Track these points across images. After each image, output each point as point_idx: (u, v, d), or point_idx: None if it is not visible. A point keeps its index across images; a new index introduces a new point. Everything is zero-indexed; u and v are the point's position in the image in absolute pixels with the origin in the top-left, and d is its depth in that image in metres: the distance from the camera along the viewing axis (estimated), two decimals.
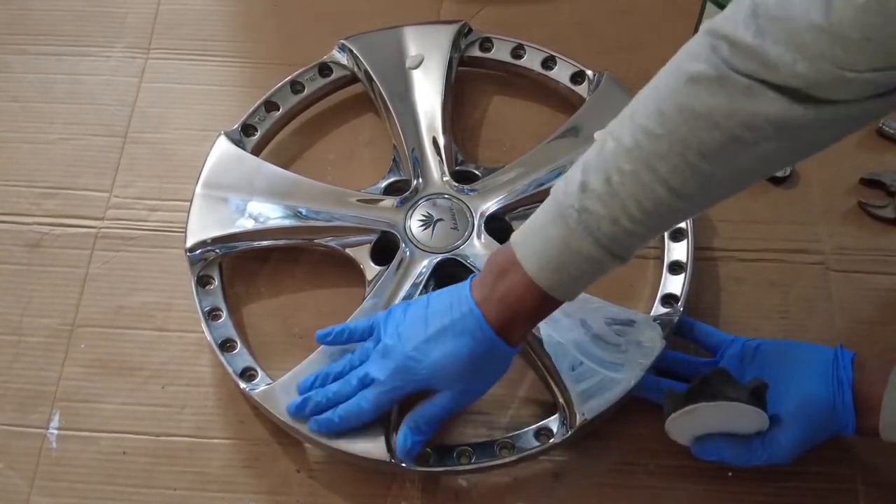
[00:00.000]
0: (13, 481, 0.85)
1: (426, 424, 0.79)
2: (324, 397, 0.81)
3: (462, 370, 0.76)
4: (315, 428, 0.81)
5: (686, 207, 0.68)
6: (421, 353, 0.77)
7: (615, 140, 0.67)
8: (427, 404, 0.79)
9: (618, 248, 0.69)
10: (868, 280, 0.95)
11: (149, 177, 1.02)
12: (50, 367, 0.91)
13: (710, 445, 0.80)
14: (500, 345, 0.76)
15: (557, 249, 0.70)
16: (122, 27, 1.13)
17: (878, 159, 1.02)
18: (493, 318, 0.75)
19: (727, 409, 0.76)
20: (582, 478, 0.85)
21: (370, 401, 0.79)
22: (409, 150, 0.98)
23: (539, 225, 0.72)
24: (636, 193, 0.66)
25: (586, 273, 0.71)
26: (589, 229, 0.68)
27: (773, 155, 0.65)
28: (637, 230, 0.68)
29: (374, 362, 0.80)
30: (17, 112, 1.07)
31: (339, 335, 0.85)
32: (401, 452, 0.80)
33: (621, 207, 0.67)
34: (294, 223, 0.94)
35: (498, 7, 1.13)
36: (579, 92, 1.03)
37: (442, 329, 0.76)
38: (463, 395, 0.79)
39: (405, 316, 0.79)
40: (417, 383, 0.78)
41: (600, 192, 0.67)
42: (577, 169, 0.69)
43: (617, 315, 0.88)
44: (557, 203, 0.70)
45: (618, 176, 0.67)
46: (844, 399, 0.77)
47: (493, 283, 0.75)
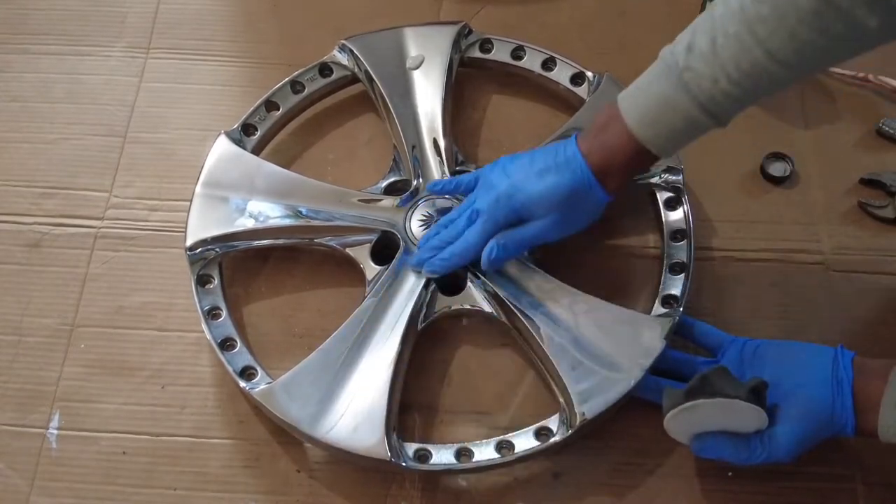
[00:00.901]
0: (13, 481, 0.85)
1: (513, 243, 0.85)
2: (440, 241, 0.88)
3: (560, 202, 0.82)
4: (431, 269, 0.88)
5: (780, 73, 0.72)
6: (524, 183, 0.83)
7: (724, 3, 0.72)
8: (519, 228, 0.85)
9: (714, 108, 0.75)
10: (868, 280, 0.95)
11: (149, 176, 1.02)
12: (50, 367, 0.91)
13: (709, 443, 0.80)
14: (596, 187, 0.82)
15: (657, 104, 0.76)
16: (122, 27, 1.13)
17: (878, 159, 1.02)
18: (594, 162, 0.81)
19: (726, 407, 0.76)
20: (582, 478, 0.85)
21: (476, 232, 0.85)
22: (409, 151, 0.98)
23: (644, 82, 0.78)
24: (736, 54, 0.71)
25: (682, 130, 0.77)
26: (689, 86, 0.74)
27: (864, 25, 0.68)
28: (734, 92, 0.73)
29: (480, 197, 0.86)
30: (17, 112, 1.07)
31: (448, 184, 0.92)
32: (484, 261, 0.85)
33: (722, 67, 0.72)
34: (294, 223, 0.94)
35: (498, 7, 1.13)
36: (579, 93, 1.03)
37: (545, 167, 0.83)
38: (554, 227, 0.84)
39: (511, 161, 0.86)
40: (518, 211, 0.84)
41: (705, 51, 0.73)
42: (688, 31, 0.75)
43: (617, 315, 0.88)
44: (664, 61, 0.76)
45: (722, 37, 0.72)
46: (844, 399, 0.77)
47: (596, 133, 0.82)
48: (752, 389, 0.76)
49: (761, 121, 1.05)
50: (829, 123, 1.04)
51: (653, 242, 0.97)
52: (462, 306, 0.91)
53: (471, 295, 0.91)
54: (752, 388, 0.76)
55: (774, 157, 1.01)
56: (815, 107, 1.05)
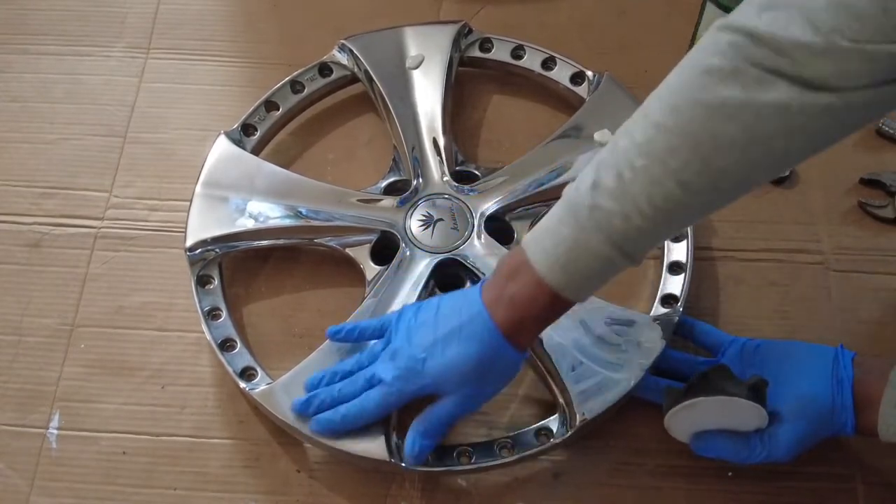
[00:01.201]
0: (13, 481, 0.85)
1: (434, 429, 0.79)
2: (328, 396, 0.81)
3: (469, 374, 0.76)
4: (316, 428, 0.81)
5: (696, 204, 0.68)
6: (429, 356, 0.76)
7: (627, 137, 0.68)
8: (434, 408, 0.79)
9: (629, 247, 0.69)
10: (868, 280, 0.95)
11: (148, 177, 1.02)
12: (50, 367, 0.91)
13: (709, 442, 0.80)
14: (507, 349, 0.75)
15: (568, 248, 0.70)
16: (122, 27, 1.13)
17: (878, 159, 1.02)
18: (502, 321, 0.74)
19: (726, 405, 0.76)
20: (582, 478, 0.85)
21: (375, 401, 0.79)
22: (409, 150, 0.98)
23: (550, 225, 0.71)
24: (647, 189, 0.66)
25: (597, 272, 0.71)
26: (600, 226, 0.68)
27: (785, 148, 0.65)
28: (647, 227, 0.68)
29: (383, 363, 0.80)
30: (17, 112, 1.07)
31: (350, 333, 0.85)
32: (409, 457, 0.80)
33: (633, 203, 0.67)
34: (294, 223, 0.94)
35: (498, 7, 1.13)
36: (579, 92, 1.03)
37: (450, 332, 0.76)
38: (469, 400, 0.79)
39: (416, 318, 0.79)
40: (424, 387, 0.78)
41: (612, 188, 0.67)
42: (590, 168, 0.70)
43: (617, 315, 0.88)
44: (569, 202, 0.70)
45: (629, 172, 0.66)
46: (844, 398, 0.77)
47: (503, 284, 0.74)
48: (753, 387, 0.76)
49: None
50: None
51: None
52: None
53: None
54: (752, 385, 0.76)
55: None
56: None
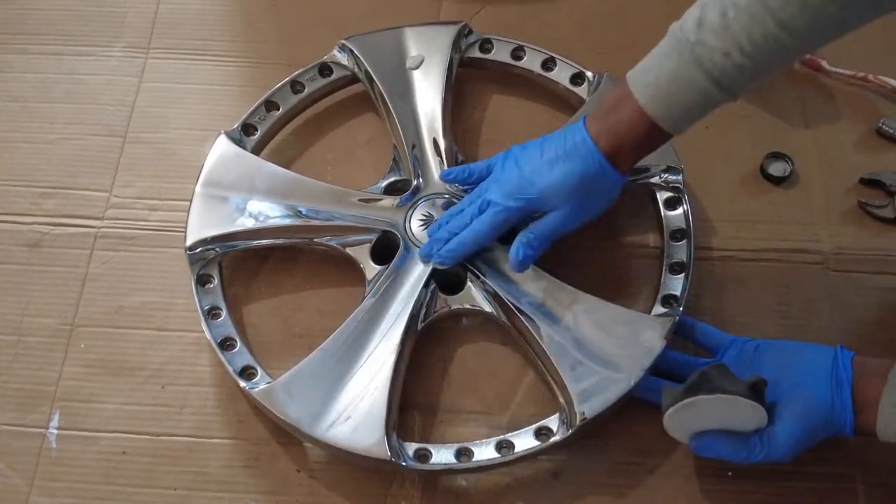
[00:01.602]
0: (13, 481, 0.85)
1: (537, 240, 0.84)
2: (447, 232, 0.87)
3: (573, 190, 0.82)
4: (439, 259, 0.87)
5: (793, 44, 0.72)
6: (536, 175, 0.83)
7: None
8: (540, 222, 0.84)
9: (727, 82, 0.74)
10: (868, 280, 0.95)
11: (148, 176, 1.02)
12: (50, 366, 0.91)
13: (708, 442, 0.80)
14: (609, 169, 0.81)
15: (669, 80, 0.75)
16: (122, 27, 1.13)
17: (877, 159, 1.02)
18: (604, 145, 0.81)
19: (725, 404, 0.76)
20: (582, 477, 0.85)
21: (485, 222, 0.85)
22: (409, 150, 0.98)
23: (654, 59, 0.77)
24: (748, 26, 0.71)
25: (696, 105, 0.76)
26: (701, 61, 0.73)
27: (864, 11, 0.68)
28: (746, 64, 0.73)
29: (491, 187, 0.85)
30: (17, 112, 1.07)
31: (461, 172, 0.91)
32: (513, 263, 0.85)
33: (733, 40, 0.72)
34: (294, 222, 0.94)
35: (498, 7, 1.13)
36: (579, 93, 1.03)
37: (555, 156, 0.82)
38: (573, 216, 0.83)
39: (523, 150, 0.85)
40: (531, 202, 0.83)
41: (716, 25, 0.72)
42: (696, 6, 0.74)
43: (617, 315, 0.88)
44: (674, 37, 0.76)
45: (733, 10, 0.71)
46: (843, 399, 0.77)
47: (605, 114, 0.81)
48: (752, 387, 0.76)
49: (761, 121, 1.05)
50: (829, 123, 1.04)
51: (653, 242, 0.97)
52: (462, 306, 0.91)
53: (471, 295, 0.91)
54: (751, 385, 0.76)
55: (774, 156, 1.01)
56: (815, 107, 1.05)
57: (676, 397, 0.78)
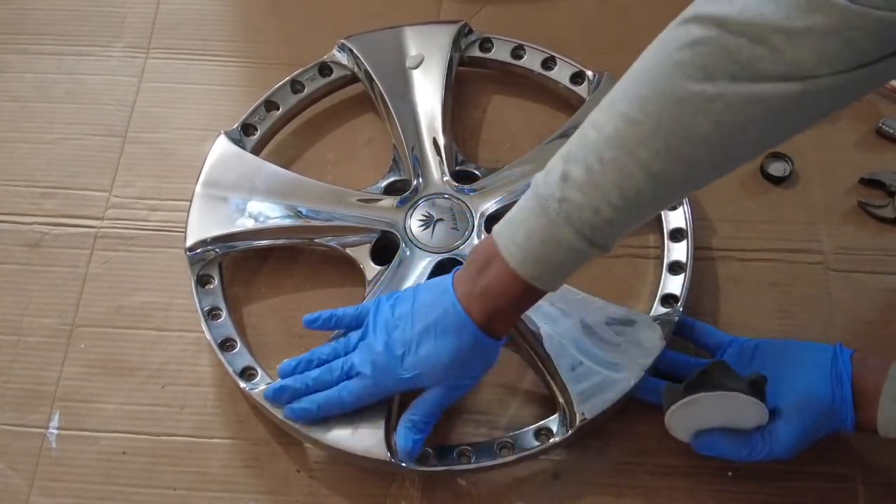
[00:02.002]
0: (13, 481, 0.85)
1: (423, 422, 0.79)
2: (303, 384, 0.81)
3: (448, 367, 0.77)
4: (291, 416, 0.81)
5: (668, 193, 0.68)
6: (406, 351, 0.77)
7: (595, 129, 0.67)
8: (420, 402, 0.79)
9: (599, 238, 0.69)
10: (868, 280, 0.95)
11: (148, 176, 1.02)
12: (50, 366, 0.91)
13: (709, 440, 0.80)
14: (484, 339, 0.76)
15: (539, 240, 0.70)
16: (122, 27, 1.13)
17: (877, 159, 1.02)
18: (477, 313, 0.75)
19: (726, 401, 0.76)
20: (582, 477, 0.85)
21: (353, 393, 0.79)
22: (409, 150, 0.98)
23: (520, 216, 0.71)
24: (617, 181, 0.66)
25: (568, 263, 0.71)
26: (570, 219, 0.68)
27: (758, 138, 0.65)
28: (618, 218, 0.68)
29: (361, 355, 0.79)
30: (17, 112, 1.07)
31: (327, 321, 0.84)
32: (402, 454, 0.79)
33: (602, 196, 0.67)
34: (294, 222, 0.94)
35: (497, 6, 1.13)
36: (579, 92, 1.03)
37: (426, 328, 0.76)
38: (453, 390, 0.79)
39: (393, 311, 0.79)
40: (404, 382, 0.78)
41: (581, 181, 0.67)
42: (559, 159, 0.69)
43: (617, 315, 0.88)
44: (538, 194, 0.70)
45: (598, 164, 0.66)
46: (844, 394, 0.77)
47: (475, 276, 0.74)
48: (752, 383, 0.76)
49: None
50: (829, 123, 1.04)
51: (652, 242, 0.97)
52: None
53: None
54: (751, 382, 0.76)
55: (774, 156, 1.01)
56: None
57: (677, 395, 0.78)
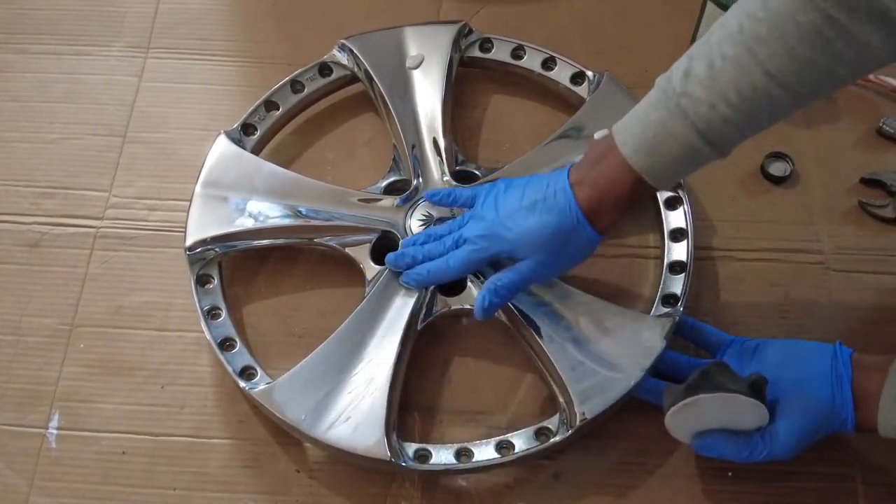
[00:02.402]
0: (12, 481, 0.85)
1: (505, 288, 0.82)
2: (420, 253, 0.87)
3: (545, 243, 0.79)
4: (406, 280, 0.87)
5: (781, 96, 0.69)
6: (511, 220, 0.81)
7: (721, 28, 0.70)
8: (509, 270, 0.82)
9: (713, 136, 0.71)
10: (868, 280, 0.95)
11: (148, 176, 1.02)
12: (49, 366, 0.91)
13: (710, 441, 0.80)
14: (586, 227, 0.79)
15: (654, 132, 0.73)
16: (122, 26, 1.13)
17: (878, 159, 1.02)
18: (584, 199, 0.78)
19: (726, 402, 0.76)
20: (582, 477, 0.85)
21: (458, 259, 0.84)
22: (409, 150, 0.98)
23: (640, 111, 0.75)
24: (736, 77, 0.69)
25: (681, 159, 0.74)
26: (687, 113, 0.71)
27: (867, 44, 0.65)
28: (733, 117, 0.70)
29: (469, 225, 0.85)
30: (17, 112, 1.07)
31: (446, 196, 0.90)
32: (478, 310, 0.83)
33: (720, 92, 0.69)
34: (294, 222, 0.94)
35: (498, 7, 1.13)
36: (579, 92, 1.03)
37: (534, 203, 0.80)
38: (543, 267, 0.82)
39: (505, 189, 0.83)
40: (503, 247, 0.81)
41: (702, 76, 0.70)
42: (684, 58, 0.72)
43: (617, 315, 0.88)
44: (660, 89, 0.73)
45: (720, 60, 0.69)
46: (844, 395, 0.77)
47: (589, 166, 0.78)
48: (752, 385, 0.76)
49: None
50: (829, 123, 1.04)
51: (653, 242, 0.97)
52: (462, 306, 0.91)
53: (471, 295, 0.91)
54: (752, 383, 0.76)
55: (774, 156, 1.01)
56: (816, 107, 1.05)
57: (677, 396, 0.78)
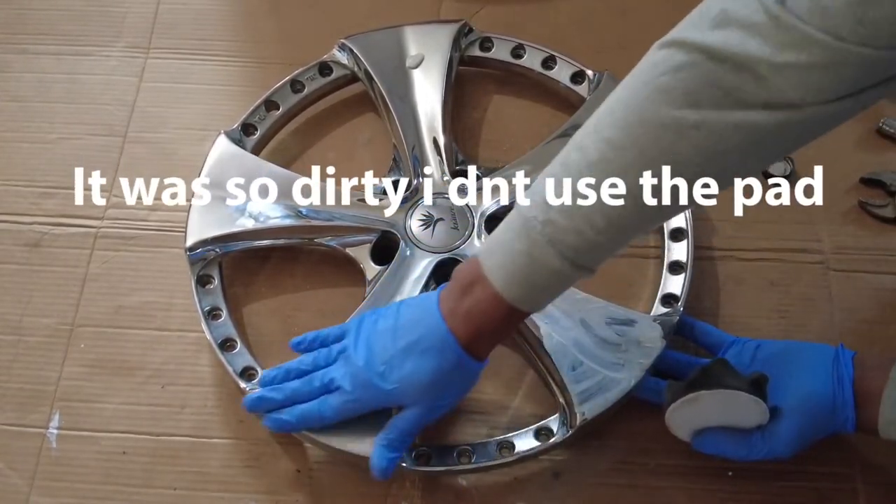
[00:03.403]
0: (13, 481, 0.85)
1: (398, 441, 0.78)
2: (282, 394, 0.81)
3: (429, 387, 0.76)
4: (270, 426, 0.81)
5: (650, 217, 0.68)
6: (388, 369, 0.76)
7: (580, 152, 0.67)
8: (397, 420, 0.79)
9: (583, 260, 0.69)
10: (868, 280, 0.95)
11: (149, 176, 1.02)
12: (50, 366, 0.91)
13: (709, 439, 0.80)
14: (466, 360, 0.75)
15: (522, 262, 0.69)
16: (122, 26, 1.13)
17: (878, 159, 1.02)
18: (461, 334, 0.74)
19: (727, 399, 0.76)
20: (582, 477, 0.85)
21: (333, 408, 0.79)
22: (409, 150, 0.98)
23: (504, 238, 0.71)
24: (601, 206, 0.66)
25: (552, 285, 0.71)
26: (553, 242, 0.68)
27: (741, 162, 0.65)
28: (602, 242, 0.68)
29: (341, 369, 0.79)
30: (17, 112, 1.07)
31: (313, 342, 0.83)
32: (377, 472, 0.78)
33: (586, 220, 0.67)
34: (294, 222, 0.94)
35: (498, 6, 1.13)
36: (579, 92, 1.03)
37: (408, 345, 0.76)
38: (430, 411, 0.78)
39: (375, 327, 0.79)
40: (384, 398, 0.78)
41: (564, 204, 0.67)
42: (542, 181, 0.69)
43: (617, 315, 0.88)
44: (522, 216, 0.69)
45: (582, 188, 0.66)
46: (845, 395, 0.77)
47: (459, 297, 0.74)
48: (754, 382, 0.76)
49: None
50: None
51: (653, 242, 0.97)
52: None
53: None
54: (753, 380, 0.76)
55: None
56: None
57: (678, 393, 0.78)
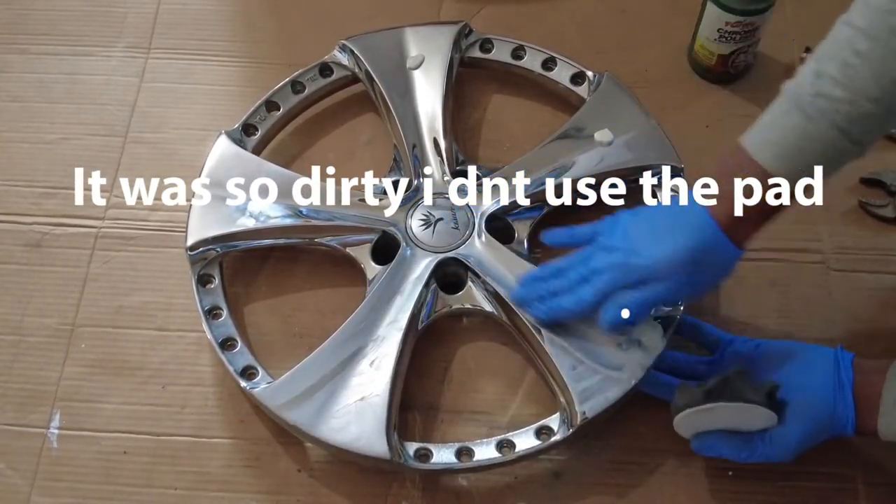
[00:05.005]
0: (13, 481, 0.85)
1: (636, 306, 0.79)
2: (547, 290, 0.83)
3: (683, 264, 0.76)
4: (538, 314, 0.84)
5: None
6: (644, 247, 0.78)
7: (847, 25, 0.69)
8: (642, 288, 0.79)
9: (857, 132, 0.69)
10: (868, 279, 0.95)
11: (149, 176, 1.02)
12: (50, 366, 0.91)
13: (710, 441, 0.80)
14: (724, 243, 0.76)
15: (794, 136, 0.71)
16: (123, 27, 1.13)
17: (878, 159, 1.02)
18: (720, 214, 0.75)
19: (743, 411, 0.77)
20: (582, 477, 0.85)
21: (592, 293, 0.80)
22: (409, 150, 0.98)
23: (770, 120, 0.72)
24: (874, 72, 0.67)
25: (825, 160, 0.71)
26: (826, 113, 0.69)
27: None
28: (875, 111, 0.68)
29: (597, 255, 0.81)
30: (17, 112, 1.07)
31: (564, 235, 0.86)
32: (601, 321, 0.80)
33: (859, 88, 0.68)
34: (295, 222, 0.94)
35: (498, 7, 1.13)
36: (579, 92, 1.03)
37: (666, 226, 0.78)
38: (678, 289, 0.79)
39: (633, 218, 0.81)
40: (638, 275, 0.78)
41: (836, 75, 0.68)
42: (810, 61, 0.71)
43: None
44: (790, 94, 0.71)
45: (854, 57, 0.67)
46: (845, 399, 0.77)
47: (720, 181, 0.75)
48: (769, 394, 0.76)
49: None
50: None
51: None
52: (462, 306, 0.91)
53: (471, 294, 0.91)
54: (768, 392, 0.76)
55: None
56: None
57: (694, 400, 0.78)
